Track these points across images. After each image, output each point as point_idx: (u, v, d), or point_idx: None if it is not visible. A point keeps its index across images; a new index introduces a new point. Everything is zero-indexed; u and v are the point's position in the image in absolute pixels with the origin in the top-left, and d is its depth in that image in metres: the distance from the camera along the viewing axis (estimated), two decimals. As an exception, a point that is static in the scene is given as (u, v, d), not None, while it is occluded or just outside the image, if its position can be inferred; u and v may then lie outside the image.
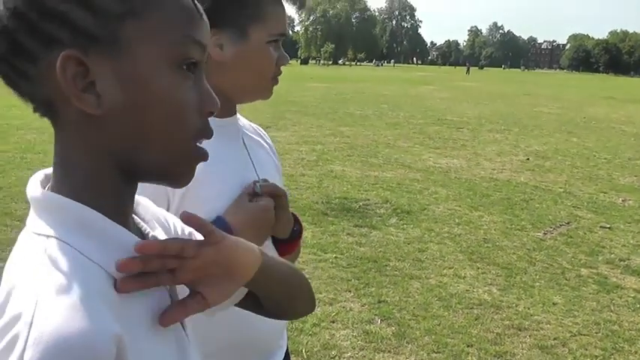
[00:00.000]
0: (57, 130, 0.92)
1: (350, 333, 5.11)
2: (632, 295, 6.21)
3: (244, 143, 1.89)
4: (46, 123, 0.95)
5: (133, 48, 0.87)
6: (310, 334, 5.04)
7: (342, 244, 7.19)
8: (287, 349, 2.03)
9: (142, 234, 1.02)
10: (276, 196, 1.77)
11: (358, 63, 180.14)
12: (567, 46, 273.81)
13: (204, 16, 0.95)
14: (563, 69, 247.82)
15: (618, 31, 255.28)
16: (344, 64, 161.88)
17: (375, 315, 5.46)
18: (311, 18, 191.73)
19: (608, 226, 8.66)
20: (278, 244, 1.86)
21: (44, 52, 0.85)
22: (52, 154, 0.94)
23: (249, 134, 1.97)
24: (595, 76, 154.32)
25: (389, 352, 4.86)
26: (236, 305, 1.25)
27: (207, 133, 0.96)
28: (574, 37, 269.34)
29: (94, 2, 0.85)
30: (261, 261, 1.09)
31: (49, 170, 0.97)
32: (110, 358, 0.78)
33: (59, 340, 0.74)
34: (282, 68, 1.86)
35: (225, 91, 1.67)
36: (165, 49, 0.89)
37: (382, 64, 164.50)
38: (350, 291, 5.94)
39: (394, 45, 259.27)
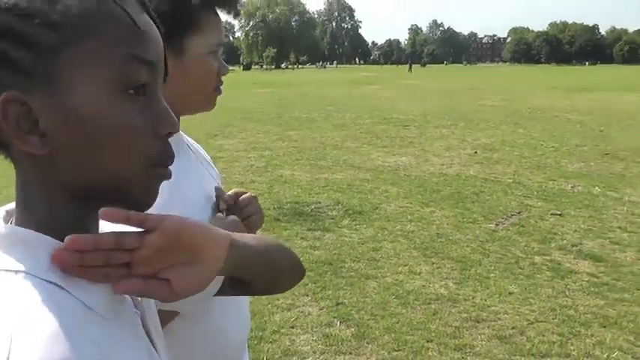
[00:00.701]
0: (15, 167, 0.90)
1: (310, 337, 5.09)
2: (586, 279, 6.29)
3: (192, 152, 1.87)
4: None
5: (72, 80, 0.83)
6: (270, 342, 5.01)
7: (297, 249, 7.16)
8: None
9: None
10: (251, 214, 1.79)
11: (301, 66, 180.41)
12: (508, 40, 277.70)
13: (152, 29, 0.91)
14: (505, 62, 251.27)
15: (558, 22, 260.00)
16: (287, 67, 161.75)
17: (334, 317, 5.45)
18: (251, 23, 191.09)
19: (559, 212, 8.77)
20: None
21: None
22: None
23: (192, 145, 1.94)
24: (537, 67, 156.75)
25: (350, 353, 4.85)
26: (221, 294, 1.25)
27: (167, 156, 0.93)
28: (514, 31, 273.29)
29: (28, 37, 0.81)
30: (230, 239, 1.03)
31: (10, 206, 0.95)
32: None
33: None
34: (225, 75, 1.83)
35: (167, 105, 1.63)
36: (104, 77, 0.85)
37: (326, 66, 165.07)
38: (307, 295, 5.92)
39: (336, 46, 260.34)
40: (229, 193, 1.80)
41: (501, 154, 14.08)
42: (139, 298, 1.02)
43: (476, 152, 14.26)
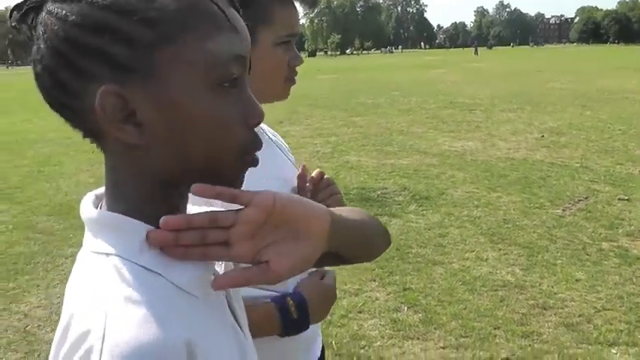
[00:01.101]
0: (106, 155, 0.95)
1: (377, 322, 5.17)
2: (655, 267, 6.23)
3: (272, 141, 1.91)
4: (60, 135, 1.01)
5: (169, 74, 0.87)
6: (339, 326, 5.10)
7: (364, 235, 7.23)
8: (322, 341, 2.07)
9: None
10: (334, 193, 1.84)
11: (365, 52, 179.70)
12: (576, 20, 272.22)
13: (240, 23, 0.95)
14: (572, 42, 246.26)
15: (627, 0, 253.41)
16: (352, 53, 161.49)
17: (401, 303, 5.52)
18: (315, 10, 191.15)
19: (627, 197, 8.67)
20: None
21: (84, 88, 0.87)
22: (69, 165, 0.99)
23: (270, 135, 1.98)
24: (605, 47, 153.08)
25: (417, 338, 4.91)
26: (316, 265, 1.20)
27: (257, 145, 0.97)
28: (582, 10, 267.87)
29: (126, 33, 0.85)
30: (331, 213, 1.00)
31: (99, 191, 1.00)
32: None
33: (134, 350, 0.77)
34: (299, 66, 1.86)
35: None
36: (201, 71, 0.88)
37: (392, 51, 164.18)
38: (375, 280, 6.00)
39: (401, 31, 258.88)
40: (313, 174, 1.83)
41: (568, 137, 13.90)
42: None
43: (543, 136, 14.10)
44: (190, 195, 0.99)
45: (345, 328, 5.09)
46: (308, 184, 1.81)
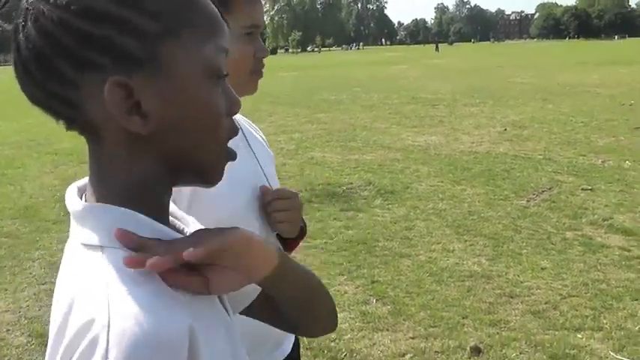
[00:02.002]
0: (99, 147, 0.95)
1: (347, 315, 5.19)
2: (618, 253, 6.33)
3: (246, 139, 1.91)
4: (23, 137, 0.99)
5: (172, 66, 0.90)
6: (308, 320, 5.11)
7: (330, 230, 7.27)
8: (296, 337, 2.08)
9: (178, 231, 1.06)
10: (289, 198, 1.84)
11: (326, 49, 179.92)
12: (536, 16, 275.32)
13: (221, 18, 0.99)
14: (533, 38, 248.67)
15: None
16: (312, 50, 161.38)
17: (370, 295, 5.55)
18: (276, 7, 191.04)
19: (590, 187, 8.80)
20: (286, 242, 1.91)
21: (84, 78, 0.87)
22: (32, 167, 0.97)
23: (247, 128, 1.99)
24: (566, 42, 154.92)
25: (387, 330, 4.95)
26: (249, 315, 1.25)
27: (235, 131, 1.01)
28: (542, 6, 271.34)
29: (134, 25, 0.87)
30: (278, 261, 1.03)
31: (81, 183, 1.01)
32: (184, 348, 0.82)
33: (139, 337, 0.78)
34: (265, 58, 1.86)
35: None
36: (201, 63, 0.92)
37: (351, 48, 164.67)
38: (343, 274, 6.02)
39: (361, 28, 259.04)
40: (266, 196, 1.83)
41: (531, 130, 14.06)
42: None
43: (505, 129, 14.25)
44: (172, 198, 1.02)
45: (315, 321, 5.10)
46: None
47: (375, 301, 5.45)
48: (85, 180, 1.00)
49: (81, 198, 0.98)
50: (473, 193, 8.76)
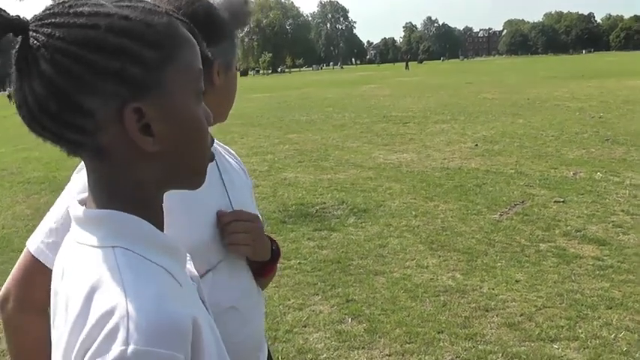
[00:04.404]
0: (105, 165, 1.03)
1: (323, 335, 5.17)
2: (591, 263, 6.37)
3: (217, 165, 1.90)
4: None
5: (173, 88, 1.01)
6: (284, 341, 5.09)
7: (304, 250, 7.25)
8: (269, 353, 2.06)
9: None
10: (247, 220, 1.83)
11: (296, 69, 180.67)
12: (504, 32, 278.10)
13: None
14: (501, 55, 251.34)
15: (553, 12, 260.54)
16: (283, 71, 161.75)
17: (345, 314, 5.53)
18: (245, 29, 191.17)
19: (562, 199, 8.85)
20: (261, 266, 1.92)
21: (103, 107, 0.96)
22: (4, 197, 1.09)
23: (222, 154, 2.00)
24: (534, 58, 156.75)
25: (363, 348, 4.92)
26: None
27: (212, 138, 1.16)
28: (509, 23, 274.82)
29: (141, 55, 0.97)
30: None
31: (80, 197, 1.13)
32: (190, 335, 0.93)
33: (156, 323, 0.88)
34: None
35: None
36: (192, 84, 1.05)
37: (321, 68, 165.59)
38: (318, 294, 6.00)
39: (331, 48, 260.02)
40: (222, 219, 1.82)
41: (502, 145, 14.13)
42: (196, 274, 1.24)
43: (477, 145, 14.30)
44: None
45: (291, 342, 5.08)
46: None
47: (350, 319, 5.42)
48: (84, 195, 1.11)
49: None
50: (446, 209, 8.77)
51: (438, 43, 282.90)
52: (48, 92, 0.95)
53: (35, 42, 0.95)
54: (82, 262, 0.99)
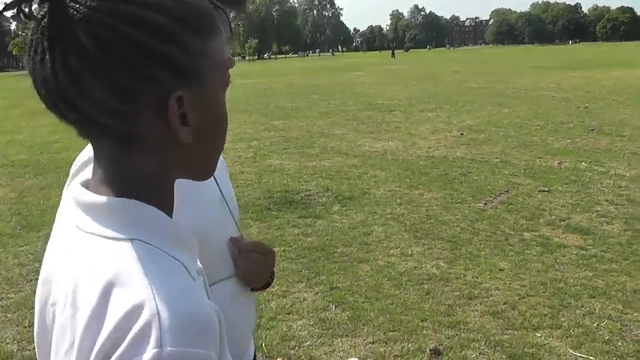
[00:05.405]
0: (125, 153, 0.97)
1: (306, 322, 5.17)
2: (575, 252, 6.40)
3: None
4: None
5: (208, 79, 0.98)
6: (268, 328, 5.08)
7: (289, 237, 7.24)
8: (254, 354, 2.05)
9: None
10: (265, 254, 1.86)
11: (282, 56, 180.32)
12: (490, 22, 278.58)
13: None
14: (488, 44, 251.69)
15: (540, 2, 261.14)
16: (269, 58, 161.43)
17: (329, 302, 5.52)
18: (231, 15, 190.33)
19: (547, 189, 8.88)
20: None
21: (147, 93, 0.91)
22: None
23: None
24: (521, 47, 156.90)
25: (346, 336, 4.92)
26: None
27: None
28: (496, 12, 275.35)
29: (185, 41, 0.92)
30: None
31: (82, 179, 1.05)
32: (217, 327, 0.91)
33: (188, 323, 0.85)
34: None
35: None
36: (222, 75, 1.02)
37: (307, 55, 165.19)
38: (302, 281, 5.99)
39: (317, 35, 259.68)
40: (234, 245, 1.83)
41: (487, 134, 14.17)
42: (201, 267, 1.15)
43: (462, 134, 14.33)
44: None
45: (275, 329, 5.07)
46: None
47: (334, 307, 5.42)
48: (83, 178, 1.05)
49: None
50: (430, 198, 8.78)
51: (425, 32, 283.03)
52: (86, 70, 0.87)
53: (76, 13, 0.86)
54: (94, 255, 0.93)
